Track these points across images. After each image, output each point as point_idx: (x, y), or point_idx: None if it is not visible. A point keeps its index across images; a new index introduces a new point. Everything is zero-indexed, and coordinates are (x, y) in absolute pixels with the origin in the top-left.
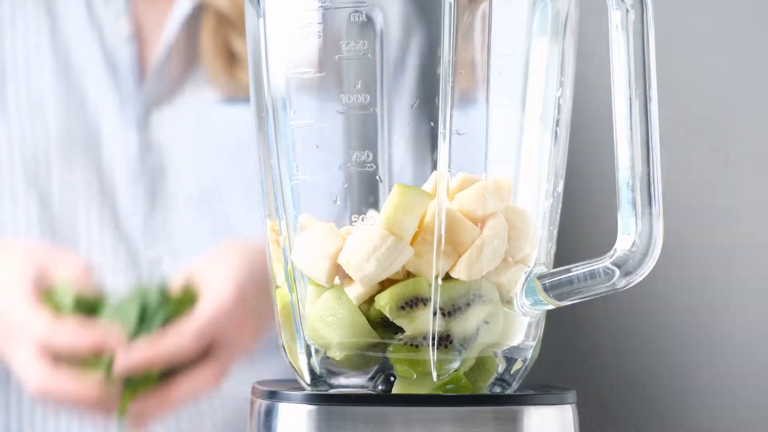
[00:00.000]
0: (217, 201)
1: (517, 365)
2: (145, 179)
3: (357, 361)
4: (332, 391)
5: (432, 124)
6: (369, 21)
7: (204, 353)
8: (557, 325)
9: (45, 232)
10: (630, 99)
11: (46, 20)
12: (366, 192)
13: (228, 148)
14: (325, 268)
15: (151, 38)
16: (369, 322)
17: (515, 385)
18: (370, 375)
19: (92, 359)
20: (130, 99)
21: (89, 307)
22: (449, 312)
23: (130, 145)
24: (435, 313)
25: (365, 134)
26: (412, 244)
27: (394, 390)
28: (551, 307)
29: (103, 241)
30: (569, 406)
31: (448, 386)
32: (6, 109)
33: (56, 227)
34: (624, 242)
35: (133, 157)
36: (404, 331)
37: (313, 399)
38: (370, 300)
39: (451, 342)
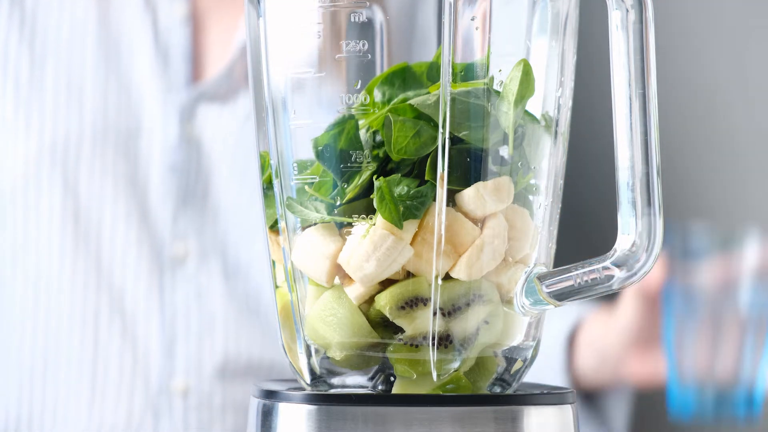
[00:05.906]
0: (250, 210)
1: (517, 365)
2: (180, 174)
3: (357, 361)
4: (332, 391)
5: (432, 124)
6: (369, 21)
7: None
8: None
9: (66, 220)
10: (630, 99)
11: None
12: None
13: None
14: (325, 268)
15: (207, 22)
16: (369, 322)
17: (515, 385)
18: (370, 375)
19: None
20: (177, 86)
21: None
22: (449, 312)
23: (169, 135)
24: (435, 313)
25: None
26: (412, 244)
27: (394, 390)
28: (551, 307)
29: (128, 233)
30: (569, 406)
31: (448, 386)
32: (43, 88)
33: (79, 215)
34: (624, 242)
35: (171, 147)
36: (404, 331)
37: (313, 399)
38: (370, 300)
39: (451, 342)
